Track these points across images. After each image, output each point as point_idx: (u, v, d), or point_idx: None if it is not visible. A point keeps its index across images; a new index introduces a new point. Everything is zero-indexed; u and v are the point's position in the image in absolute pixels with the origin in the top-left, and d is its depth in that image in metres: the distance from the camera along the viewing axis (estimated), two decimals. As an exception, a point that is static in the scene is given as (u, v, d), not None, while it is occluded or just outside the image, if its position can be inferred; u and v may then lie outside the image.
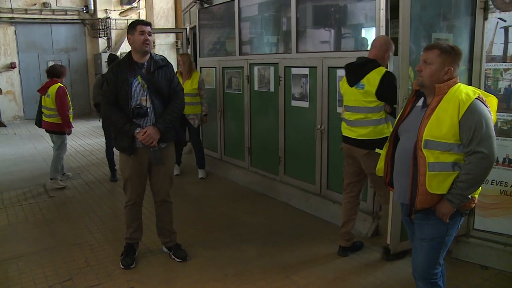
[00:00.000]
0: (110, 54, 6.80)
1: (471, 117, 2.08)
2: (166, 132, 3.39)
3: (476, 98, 2.11)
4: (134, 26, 3.32)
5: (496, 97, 2.28)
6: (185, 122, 5.77)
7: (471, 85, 3.03)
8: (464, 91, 2.14)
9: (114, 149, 4.06)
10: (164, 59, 3.48)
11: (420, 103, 2.32)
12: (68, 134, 5.75)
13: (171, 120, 3.38)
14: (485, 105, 2.13)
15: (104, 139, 6.36)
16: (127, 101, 3.27)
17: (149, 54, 3.38)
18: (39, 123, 5.94)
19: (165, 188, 3.56)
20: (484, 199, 3.31)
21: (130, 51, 3.39)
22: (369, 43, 4.19)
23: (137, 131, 3.25)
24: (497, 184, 3.31)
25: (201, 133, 6.40)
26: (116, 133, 3.43)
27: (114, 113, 3.30)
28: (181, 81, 5.66)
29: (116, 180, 6.01)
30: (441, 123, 2.12)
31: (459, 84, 2.21)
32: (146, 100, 3.30)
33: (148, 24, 3.37)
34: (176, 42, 11.87)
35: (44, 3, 13.85)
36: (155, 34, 11.71)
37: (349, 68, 3.47)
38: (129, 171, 3.41)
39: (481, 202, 3.31)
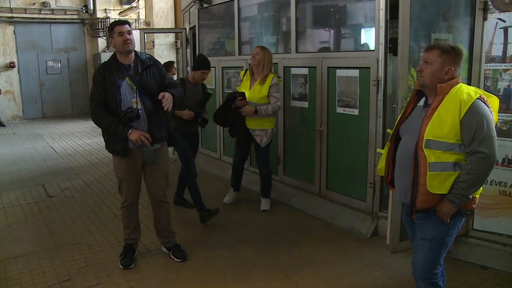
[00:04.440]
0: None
1: (472, 117, 2.08)
2: (160, 131, 3.36)
3: (477, 98, 2.11)
4: (112, 28, 3.27)
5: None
6: (251, 139, 4.54)
7: (470, 85, 3.03)
8: (466, 91, 2.15)
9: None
10: (151, 57, 3.43)
11: (421, 103, 2.32)
12: None
13: (178, 91, 3.43)
14: (487, 105, 2.14)
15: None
16: (117, 105, 3.21)
17: (134, 54, 3.32)
18: None
19: (161, 189, 3.53)
20: (484, 199, 3.31)
21: (114, 53, 3.33)
22: (370, 46, 4.20)
23: (130, 132, 3.20)
24: (496, 184, 3.31)
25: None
26: (108, 136, 3.36)
27: (105, 116, 3.23)
28: (247, 83, 4.47)
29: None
30: (443, 123, 2.12)
31: (460, 84, 2.21)
32: (136, 102, 3.26)
33: (125, 23, 3.29)
34: (176, 42, 11.85)
35: (43, 3, 13.85)
36: (155, 33, 11.70)
37: None
38: (123, 172, 3.39)
39: (481, 202, 3.30)
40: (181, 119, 4.34)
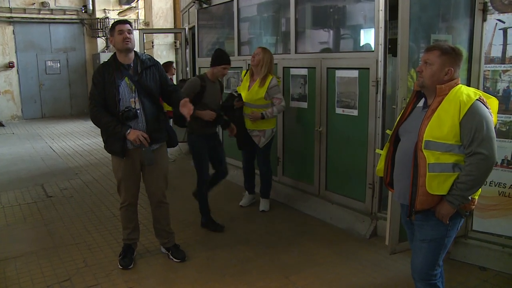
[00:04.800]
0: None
1: (471, 118, 2.08)
2: (159, 131, 3.36)
3: (477, 100, 2.12)
4: (113, 27, 3.29)
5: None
6: (250, 140, 4.51)
7: (469, 86, 3.03)
8: (465, 92, 2.15)
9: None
10: (151, 58, 3.44)
11: (421, 104, 2.33)
12: None
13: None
14: (486, 107, 2.14)
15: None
16: (115, 104, 3.21)
17: (134, 54, 3.32)
18: None
19: (160, 189, 3.53)
20: (483, 200, 3.31)
21: (115, 53, 3.33)
22: (372, 46, 4.20)
23: (128, 132, 3.19)
24: (495, 185, 3.32)
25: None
26: (107, 137, 3.35)
27: (104, 116, 3.23)
28: (246, 84, 4.48)
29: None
30: (442, 124, 2.12)
31: (460, 85, 2.21)
32: (135, 102, 3.25)
33: (126, 22, 3.32)
34: (175, 42, 11.84)
35: (42, 3, 13.84)
36: (154, 34, 11.69)
37: None
38: (122, 173, 3.39)
39: (480, 203, 3.31)
40: (199, 119, 3.97)
